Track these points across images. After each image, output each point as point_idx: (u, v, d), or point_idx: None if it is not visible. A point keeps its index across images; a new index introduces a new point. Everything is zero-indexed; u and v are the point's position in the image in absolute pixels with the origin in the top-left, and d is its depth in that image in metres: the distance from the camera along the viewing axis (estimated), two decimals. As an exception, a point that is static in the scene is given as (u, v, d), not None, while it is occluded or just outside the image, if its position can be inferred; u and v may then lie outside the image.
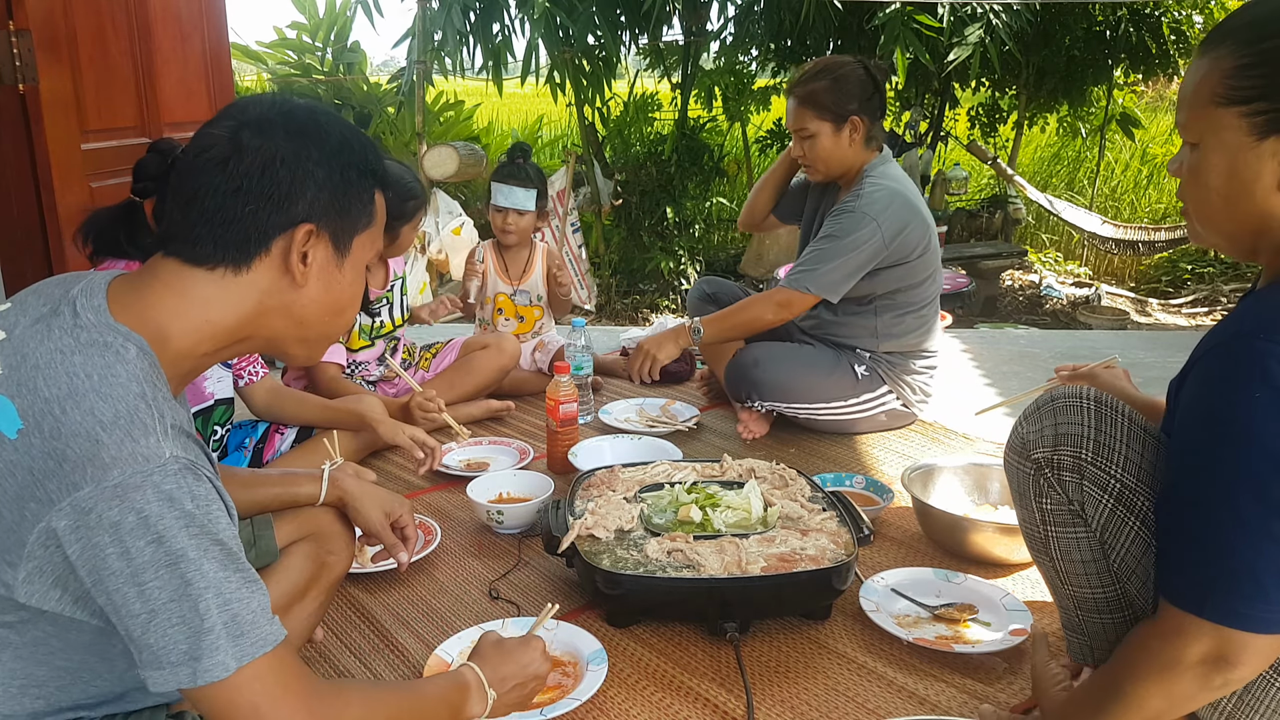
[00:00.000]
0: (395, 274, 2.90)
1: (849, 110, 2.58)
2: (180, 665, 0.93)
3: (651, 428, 2.82)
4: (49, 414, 0.93)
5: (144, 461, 0.92)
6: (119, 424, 0.92)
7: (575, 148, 7.73)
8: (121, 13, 2.84)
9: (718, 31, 7.40)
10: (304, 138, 1.05)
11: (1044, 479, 1.31)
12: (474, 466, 2.58)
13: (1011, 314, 6.88)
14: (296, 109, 1.07)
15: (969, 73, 6.32)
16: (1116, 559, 1.26)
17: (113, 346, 0.97)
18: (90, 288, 1.03)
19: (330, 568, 1.56)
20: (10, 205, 2.54)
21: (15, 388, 0.95)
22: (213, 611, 0.93)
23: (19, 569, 0.93)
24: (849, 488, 2.32)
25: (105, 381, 0.95)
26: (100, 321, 0.99)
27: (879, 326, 2.71)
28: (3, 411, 0.94)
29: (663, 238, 7.25)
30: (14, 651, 1.01)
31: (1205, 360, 1.06)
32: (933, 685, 1.62)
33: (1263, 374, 0.98)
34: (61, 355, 0.96)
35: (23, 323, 1.01)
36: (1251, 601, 1.02)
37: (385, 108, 7.86)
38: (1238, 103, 1.06)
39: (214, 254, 1.03)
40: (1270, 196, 1.06)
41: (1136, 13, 6.90)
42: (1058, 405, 1.31)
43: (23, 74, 2.45)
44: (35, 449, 0.92)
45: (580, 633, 1.69)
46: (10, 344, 0.99)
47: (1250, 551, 1.01)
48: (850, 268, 2.56)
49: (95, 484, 0.90)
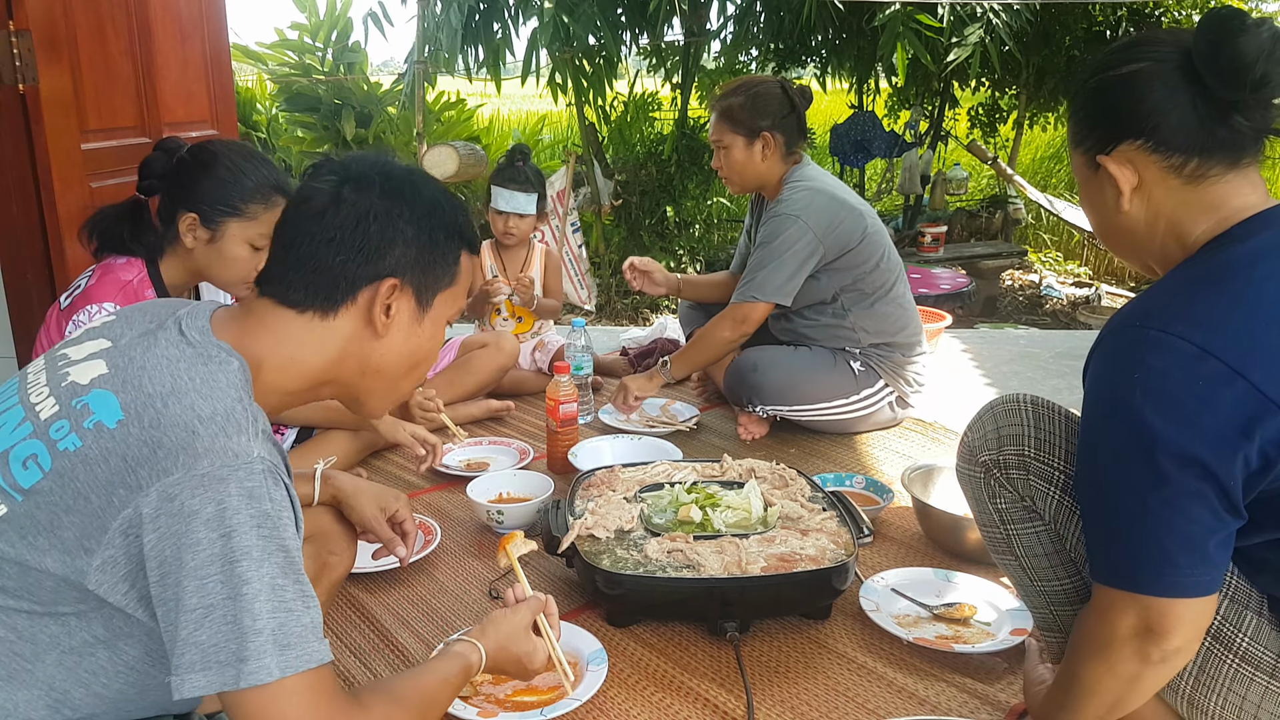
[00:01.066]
0: None
1: (761, 126, 2.69)
2: (228, 665, 0.93)
3: (651, 428, 2.82)
4: (150, 407, 0.98)
5: (233, 457, 0.96)
6: (215, 419, 0.98)
7: (575, 148, 7.72)
8: (121, 13, 2.84)
9: (718, 31, 7.40)
10: (398, 197, 1.13)
11: (994, 480, 1.39)
12: (474, 466, 2.58)
13: (1011, 314, 6.88)
14: (394, 170, 1.15)
15: (969, 73, 6.32)
16: (1072, 548, 1.33)
17: (216, 359, 1.05)
18: (194, 312, 1.12)
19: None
20: (10, 205, 2.54)
21: (120, 384, 1.01)
22: (264, 615, 0.95)
23: (95, 555, 0.96)
24: (849, 488, 2.32)
25: (207, 384, 1.01)
26: (205, 340, 1.07)
27: (855, 323, 2.75)
28: (105, 403, 0.99)
29: (663, 238, 7.25)
30: (59, 658, 1.01)
31: (1096, 349, 1.16)
32: (933, 685, 1.62)
33: (1138, 357, 1.07)
34: (168, 361, 1.03)
35: (128, 334, 1.08)
36: (1159, 568, 1.08)
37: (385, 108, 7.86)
38: (1076, 145, 1.24)
39: (305, 298, 1.11)
40: (1118, 216, 1.21)
41: (1136, 13, 6.90)
42: (997, 410, 1.40)
43: (23, 74, 2.45)
44: (133, 437, 0.96)
45: (580, 633, 1.69)
46: (116, 350, 1.05)
47: (1150, 521, 1.08)
48: (790, 268, 2.64)
49: (185, 470, 0.94)
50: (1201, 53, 1.11)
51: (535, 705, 1.50)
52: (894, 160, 7.77)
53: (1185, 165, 1.15)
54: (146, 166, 1.95)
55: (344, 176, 1.13)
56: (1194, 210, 1.16)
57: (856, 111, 7.79)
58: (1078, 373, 2.11)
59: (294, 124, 7.91)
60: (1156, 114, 1.14)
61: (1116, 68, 1.17)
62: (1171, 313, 1.08)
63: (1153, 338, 1.07)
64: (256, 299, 1.14)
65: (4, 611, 0.99)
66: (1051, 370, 3.71)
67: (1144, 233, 1.20)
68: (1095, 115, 1.20)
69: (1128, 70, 1.16)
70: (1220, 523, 1.07)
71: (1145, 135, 1.15)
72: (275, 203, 1.91)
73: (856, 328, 2.75)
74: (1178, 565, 1.07)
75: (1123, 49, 1.19)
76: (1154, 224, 1.19)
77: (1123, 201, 1.19)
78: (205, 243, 1.92)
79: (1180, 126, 1.13)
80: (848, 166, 7.79)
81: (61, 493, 0.96)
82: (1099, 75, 1.19)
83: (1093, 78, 1.20)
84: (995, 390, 3.44)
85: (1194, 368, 1.04)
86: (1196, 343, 1.04)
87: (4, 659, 1.00)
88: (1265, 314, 1.06)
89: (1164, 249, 1.20)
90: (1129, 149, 1.16)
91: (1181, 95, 1.13)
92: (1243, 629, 1.15)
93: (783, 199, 2.69)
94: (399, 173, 1.16)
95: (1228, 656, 1.15)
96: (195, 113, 3.25)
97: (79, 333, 1.14)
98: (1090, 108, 1.20)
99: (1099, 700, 1.18)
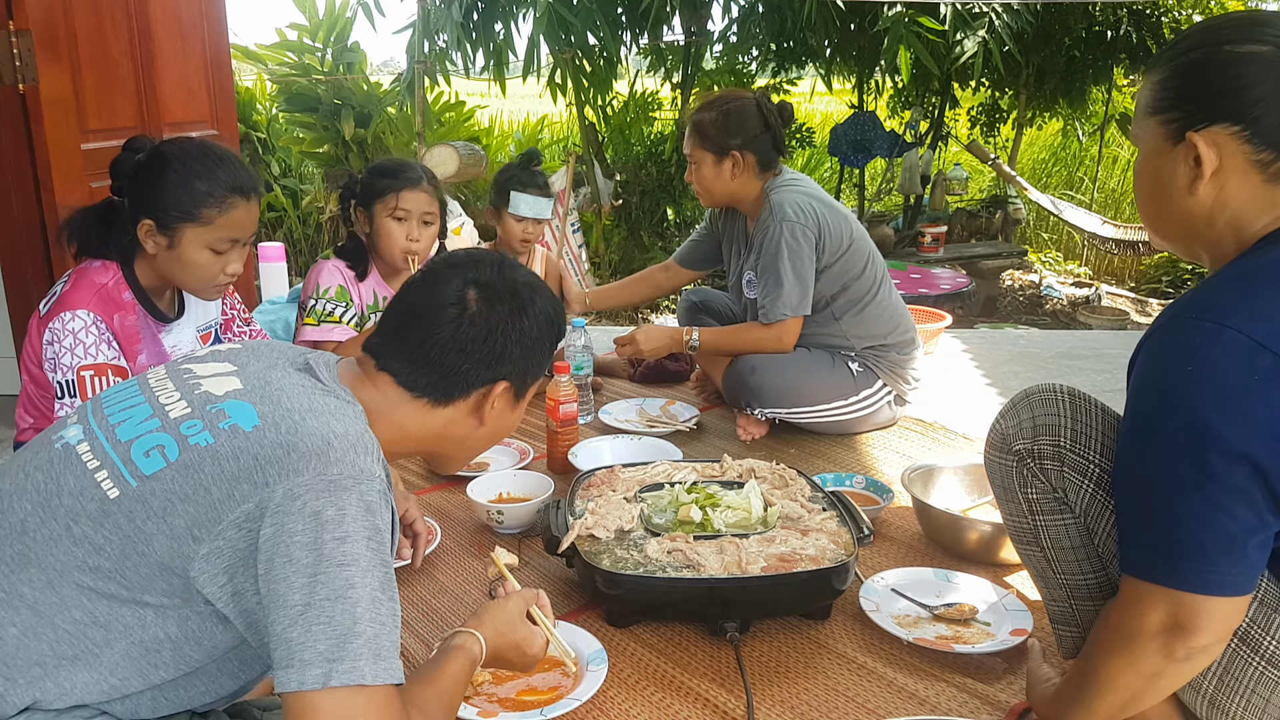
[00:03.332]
0: None
1: (730, 145, 2.66)
2: (312, 664, 0.95)
3: (651, 428, 2.82)
4: (288, 418, 1.05)
5: (360, 471, 1.03)
6: (348, 438, 1.06)
7: (576, 148, 7.73)
8: (121, 13, 2.85)
9: (720, 32, 7.40)
10: (521, 314, 1.25)
11: (1027, 469, 1.36)
12: (474, 466, 2.58)
13: (1011, 314, 6.88)
14: (518, 282, 1.27)
15: (970, 73, 6.32)
16: (1100, 543, 1.31)
17: (344, 398, 1.15)
18: (322, 360, 1.22)
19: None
20: (10, 205, 2.55)
21: (258, 398, 1.08)
22: (364, 620, 0.97)
23: (203, 544, 0.99)
24: (849, 488, 2.31)
25: (339, 414, 1.09)
26: (333, 382, 1.17)
27: (847, 330, 2.75)
28: (241, 411, 1.06)
29: (663, 238, 7.26)
30: (127, 648, 1.03)
31: (1147, 341, 1.14)
32: (933, 685, 1.62)
33: (1193, 349, 1.05)
34: (303, 389, 1.11)
35: (254, 365, 1.16)
36: (1196, 564, 1.07)
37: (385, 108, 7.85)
38: (1158, 112, 1.17)
39: (424, 390, 1.23)
40: (1184, 198, 1.16)
41: (1136, 13, 6.90)
42: (1033, 399, 1.37)
43: (23, 74, 2.45)
44: (268, 439, 1.02)
45: (580, 633, 1.69)
46: (248, 374, 1.13)
47: (1191, 517, 1.06)
48: (804, 275, 2.65)
49: (316, 474, 1.00)
50: None
51: (535, 705, 1.50)
52: (894, 160, 7.77)
53: (1273, 163, 1.11)
54: (115, 167, 1.87)
55: (471, 280, 1.24)
56: (1263, 207, 1.13)
57: (857, 111, 7.79)
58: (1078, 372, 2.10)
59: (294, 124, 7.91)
60: (1264, 104, 1.08)
61: (1233, 44, 1.11)
62: (1227, 306, 1.06)
63: (1209, 329, 1.04)
64: (376, 370, 1.24)
65: (88, 594, 1.02)
66: (1051, 370, 3.70)
67: (1204, 220, 1.16)
68: (1195, 87, 1.12)
69: (1245, 50, 1.09)
70: (1262, 523, 1.06)
71: (1245, 123, 1.10)
72: (231, 205, 1.82)
73: (849, 334, 2.76)
74: (1215, 562, 1.06)
75: (1239, 24, 1.12)
76: (1218, 214, 1.15)
77: (1199, 185, 1.13)
78: (165, 249, 1.83)
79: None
80: (848, 167, 7.79)
81: (182, 482, 1.01)
82: (1209, 47, 1.12)
83: (1201, 48, 1.13)
84: (995, 390, 3.44)
85: (1250, 361, 1.02)
86: (1254, 336, 1.02)
87: (75, 639, 1.02)
88: None
89: (1219, 240, 1.16)
90: (1221, 131, 1.11)
91: None
92: (1271, 632, 1.14)
93: (772, 211, 2.65)
94: (522, 287, 1.27)
95: (1254, 659, 1.14)
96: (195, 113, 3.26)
97: (203, 351, 1.24)
98: (1191, 78, 1.13)
99: (1115, 696, 1.17)
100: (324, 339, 2.62)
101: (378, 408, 1.20)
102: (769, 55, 7.40)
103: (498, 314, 1.23)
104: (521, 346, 1.25)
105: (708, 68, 7.56)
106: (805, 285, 2.65)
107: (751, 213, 2.81)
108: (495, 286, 1.24)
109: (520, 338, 1.24)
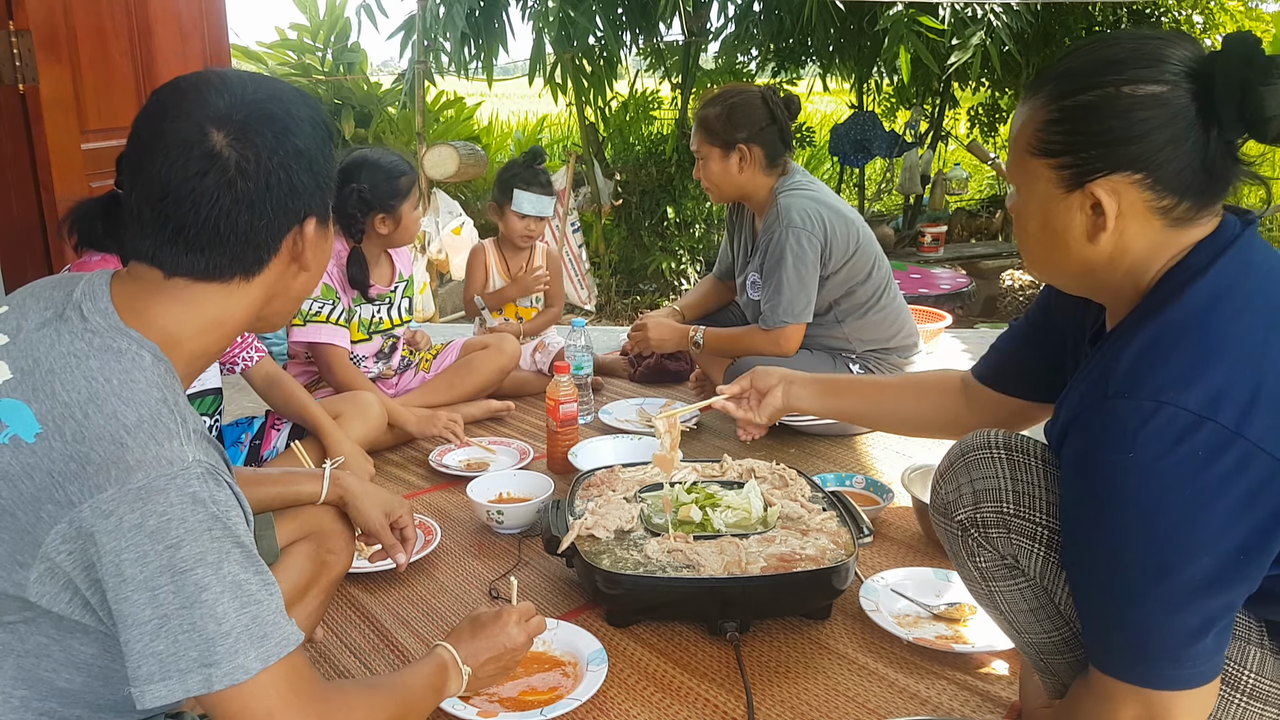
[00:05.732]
0: (401, 275, 2.90)
1: (737, 139, 2.66)
2: (190, 672, 0.92)
3: (651, 427, 2.81)
4: (70, 418, 0.93)
5: (168, 465, 0.92)
6: (143, 427, 0.93)
7: (575, 147, 7.73)
8: (121, 13, 2.84)
9: (718, 31, 7.40)
10: (288, 134, 1.03)
11: (971, 539, 1.27)
12: (474, 466, 2.58)
13: (1011, 314, 6.87)
14: (264, 100, 1.03)
15: (969, 73, 6.32)
16: (1062, 601, 1.23)
17: (128, 353, 0.97)
18: (93, 291, 1.02)
19: (330, 567, 1.56)
20: (10, 205, 2.55)
21: (31, 392, 0.95)
22: (230, 615, 0.93)
23: (31, 569, 0.93)
24: (849, 488, 2.31)
25: (126, 386, 0.95)
26: (110, 325, 0.99)
27: (850, 334, 2.76)
28: (18, 415, 0.94)
29: (663, 238, 7.25)
30: (16, 661, 1.00)
31: (1077, 424, 1.06)
32: (933, 685, 1.62)
33: (1130, 436, 0.98)
34: (76, 359, 0.96)
35: (26, 326, 1.00)
36: (1160, 663, 1.02)
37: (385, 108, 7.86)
38: (1048, 155, 1.08)
39: (231, 268, 1.03)
40: (1083, 247, 1.09)
41: (1136, 13, 6.90)
42: (970, 460, 1.28)
43: (23, 74, 2.45)
44: (56, 452, 0.92)
45: (580, 633, 1.69)
46: (16, 348, 0.98)
47: (1150, 615, 1.01)
48: (807, 282, 2.65)
49: (119, 486, 0.90)
50: (1224, 96, 0.99)
51: (535, 705, 1.50)
52: (894, 160, 7.77)
53: (1175, 208, 1.04)
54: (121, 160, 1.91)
55: (209, 120, 0.99)
56: (1163, 251, 1.06)
57: (856, 111, 7.80)
58: (1078, 373, 2.09)
59: (294, 124, 7.90)
60: (1166, 150, 1.01)
61: (1132, 84, 1.02)
62: (1156, 378, 0.99)
63: (1145, 410, 0.98)
64: (166, 279, 1.02)
65: None
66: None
67: (1104, 266, 1.09)
68: (1093, 134, 1.04)
69: (1145, 93, 1.01)
70: (1225, 609, 1.01)
71: (1147, 171, 1.02)
72: None
73: (851, 338, 2.76)
74: (1179, 660, 1.01)
75: (1135, 59, 1.03)
76: (1119, 260, 1.08)
77: (1102, 236, 1.07)
78: None
79: (1184, 168, 1.02)
80: (848, 166, 7.80)
81: None
82: (1106, 89, 1.03)
83: (1096, 89, 1.04)
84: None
85: (1192, 439, 0.96)
86: (1189, 408, 0.96)
87: None
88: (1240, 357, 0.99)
89: (1119, 286, 1.10)
90: (1121, 179, 1.03)
91: (1194, 133, 1.01)
92: (1248, 666, 1.11)
93: (779, 213, 2.66)
94: (270, 101, 1.03)
95: (1236, 696, 1.11)
96: (195, 113, 3.25)
97: None
98: (1087, 123, 1.04)
99: None
100: (312, 340, 2.64)
101: (185, 321, 1.02)
102: (769, 55, 7.39)
103: (263, 148, 1.00)
104: (307, 170, 1.04)
105: (707, 68, 7.56)
106: (809, 292, 2.66)
107: (759, 210, 2.82)
108: (240, 116, 1.00)
109: (300, 160, 1.03)
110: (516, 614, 1.42)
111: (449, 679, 1.29)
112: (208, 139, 0.98)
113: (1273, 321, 1.02)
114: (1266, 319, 1.02)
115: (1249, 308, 1.02)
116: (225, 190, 0.99)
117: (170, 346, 1.02)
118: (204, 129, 0.98)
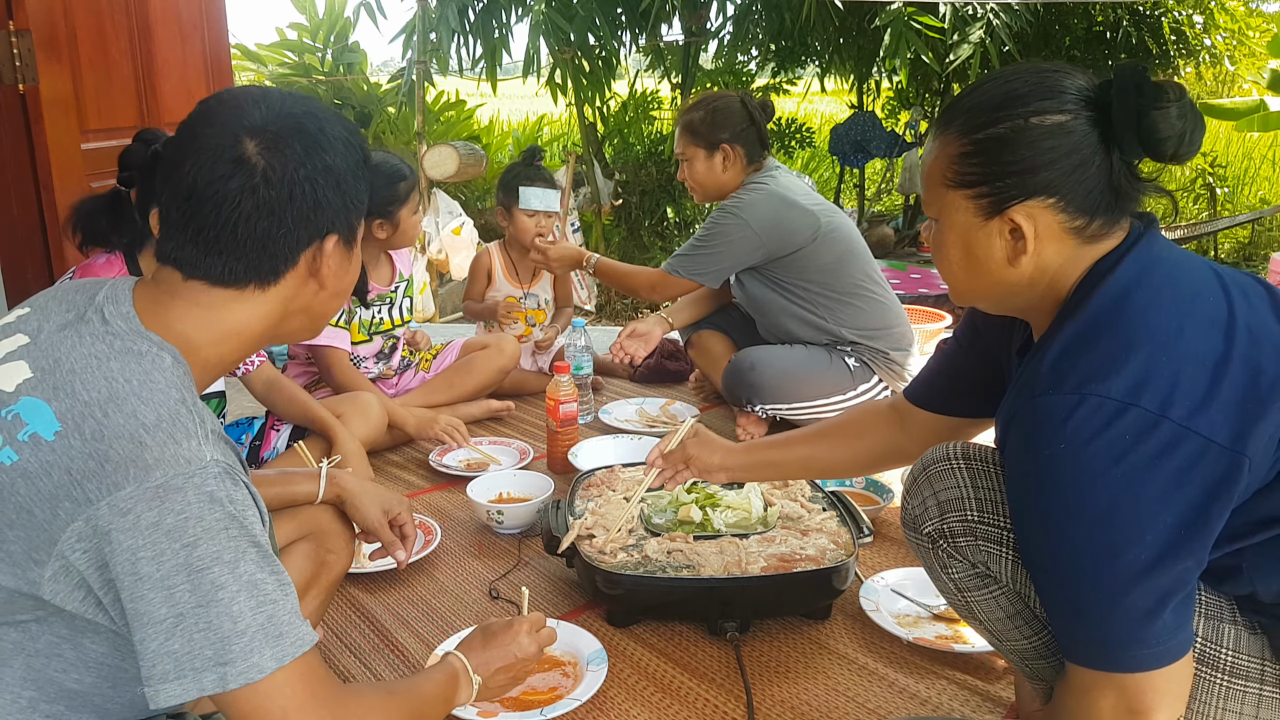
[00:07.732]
0: (401, 275, 2.90)
1: (720, 139, 2.78)
2: (205, 671, 0.92)
3: (651, 428, 2.82)
4: (90, 416, 0.93)
5: (186, 464, 0.93)
6: (162, 427, 0.93)
7: (575, 147, 7.73)
8: (121, 13, 2.85)
9: (718, 31, 7.40)
10: (319, 150, 1.05)
11: (942, 550, 1.30)
12: (474, 466, 2.58)
13: (1011, 314, 6.87)
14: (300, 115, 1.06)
15: (969, 73, 6.32)
16: (1036, 605, 1.25)
17: (148, 355, 0.99)
18: (115, 295, 1.04)
19: (330, 566, 1.56)
20: (10, 205, 2.55)
21: (51, 391, 0.95)
22: (246, 614, 0.93)
23: (45, 567, 0.93)
24: (849, 488, 2.31)
25: (145, 386, 0.96)
26: (131, 329, 1.01)
27: (828, 322, 2.78)
28: (38, 413, 0.94)
29: (663, 238, 7.26)
30: (26, 661, 1.00)
31: (1010, 428, 1.10)
32: (933, 685, 1.62)
33: (1057, 428, 1.02)
34: (97, 360, 0.97)
35: (47, 328, 1.01)
36: (1124, 646, 1.04)
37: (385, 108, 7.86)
38: (965, 186, 1.13)
39: (246, 275, 1.04)
40: (1004, 270, 1.13)
41: (1136, 13, 6.90)
42: (931, 474, 1.31)
43: (23, 74, 2.45)
44: (75, 450, 0.92)
45: (580, 633, 1.69)
46: (37, 348, 0.99)
47: (1105, 602, 1.04)
48: (722, 259, 2.76)
49: (137, 484, 0.91)
50: (1121, 121, 1.06)
51: (535, 705, 1.50)
52: (894, 160, 7.77)
53: (1088, 227, 1.10)
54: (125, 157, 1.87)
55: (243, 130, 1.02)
56: (1081, 265, 1.11)
57: (856, 111, 7.79)
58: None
59: (294, 124, 7.90)
60: (1075, 175, 1.07)
61: (1039, 115, 1.08)
62: (1078, 372, 1.03)
63: (1069, 403, 1.01)
64: (184, 281, 1.05)
65: None
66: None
67: (1024, 285, 1.14)
68: (1006, 165, 1.09)
69: (1052, 123, 1.07)
70: (1177, 584, 1.03)
71: (1060, 195, 1.08)
72: None
73: (834, 324, 2.79)
74: (1142, 640, 1.03)
75: (1039, 91, 1.09)
76: (1038, 279, 1.13)
77: (1023, 259, 1.11)
78: None
79: (1092, 189, 1.08)
80: (848, 166, 7.80)
81: (2, 507, 0.93)
82: (1014, 121, 1.09)
83: (1004, 121, 1.09)
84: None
85: (1118, 424, 0.99)
86: (1113, 396, 1.00)
87: None
88: (1157, 346, 1.02)
89: (1039, 301, 1.15)
90: (1036, 205, 1.09)
91: (1098, 157, 1.08)
92: (1224, 644, 1.12)
93: (732, 198, 2.79)
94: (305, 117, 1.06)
95: (1216, 676, 1.12)
96: (195, 113, 3.25)
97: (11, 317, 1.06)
98: (999, 155, 1.10)
99: None
100: (315, 342, 2.63)
101: (203, 328, 1.04)
102: (768, 55, 7.39)
103: (291, 159, 1.02)
104: (334, 187, 1.05)
105: (707, 68, 7.56)
106: (716, 263, 2.78)
107: None
108: (274, 128, 1.02)
109: (328, 177, 1.05)
110: (528, 624, 1.42)
111: (459, 688, 1.29)
112: (239, 145, 1.01)
113: (1184, 311, 1.05)
114: (1178, 309, 1.05)
115: (1159, 300, 1.06)
116: (248, 195, 1.01)
117: (189, 352, 1.03)
118: (238, 136, 1.01)
